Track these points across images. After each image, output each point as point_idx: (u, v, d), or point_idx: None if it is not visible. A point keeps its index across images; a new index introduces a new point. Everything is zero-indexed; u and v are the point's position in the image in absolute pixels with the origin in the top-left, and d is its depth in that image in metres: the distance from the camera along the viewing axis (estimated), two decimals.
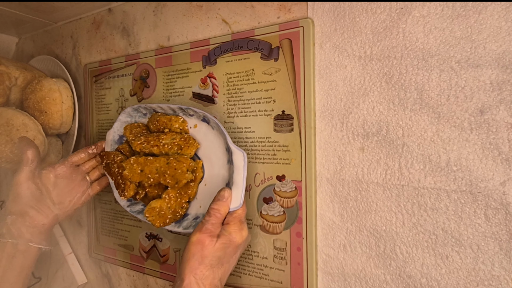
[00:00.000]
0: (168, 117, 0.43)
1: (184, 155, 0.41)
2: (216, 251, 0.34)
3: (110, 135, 0.48)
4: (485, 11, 0.29)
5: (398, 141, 0.33)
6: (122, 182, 0.44)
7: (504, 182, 0.28)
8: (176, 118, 0.43)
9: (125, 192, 0.43)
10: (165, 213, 0.40)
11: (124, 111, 0.47)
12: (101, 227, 0.58)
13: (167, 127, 0.43)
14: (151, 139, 0.42)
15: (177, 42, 0.48)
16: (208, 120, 0.41)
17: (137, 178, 0.41)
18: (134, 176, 0.41)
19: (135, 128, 0.46)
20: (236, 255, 0.36)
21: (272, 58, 0.39)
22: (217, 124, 0.38)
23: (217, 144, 0.40)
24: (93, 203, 0.59)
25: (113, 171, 0.45)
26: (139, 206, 0.47)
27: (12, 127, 0.52)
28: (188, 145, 0.41)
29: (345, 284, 0.36)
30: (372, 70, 0.34)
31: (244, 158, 0.36)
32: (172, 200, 0.40)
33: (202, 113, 0.40)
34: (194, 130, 0.43)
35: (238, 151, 0.36)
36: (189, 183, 0.41)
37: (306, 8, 0.38)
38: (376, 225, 0.34)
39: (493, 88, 0.28)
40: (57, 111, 0.56)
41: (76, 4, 0.56)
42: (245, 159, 0.36)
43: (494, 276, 0.29)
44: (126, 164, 0.41)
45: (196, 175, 0.41)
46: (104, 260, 0.58)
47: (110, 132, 0.48)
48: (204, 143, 0.42)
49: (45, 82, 0.56)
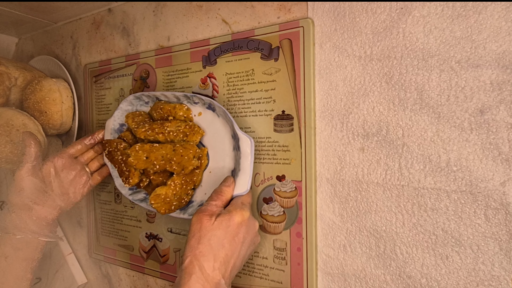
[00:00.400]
0: (172, 105, 0.43)
1: (190, 142, 0.41)
2: (215, 230, 0.33)
3: (110, 123, 0.48)
4: (485, 11, 0.28)
5: (398, 141, 0.33)
6: (127, 169, 0.44)
7: (504, 182, 0.28)
8: (180, 106, 0.43)
9: (129, 179, 0.43)
10: (170, 200, 0.40)
11: (126, 99, 0.47)
12: (101, 227, 0.58)
13: (171, 115, 0.43)
14: (155, 127, 0.42)
15: (177, 42, 0.48)
16: (213, 108, 0.41)
17: (143, 165, 0.41)
18: (139, 163, 0.40)
19: (137, 116, 0.46)
20: (242, 242, 0.34)
21: (272, 58, 0.39)
22: (224, 111, 0.38)
23: (223, 131, 0.41)
24: (93, 203, 0.59)
25: (116, 158, 0.45)
26: (141, 194, 0.47)
27: (12, 127, 0.52)
28: (194, 133, 0.41)
29: (345, 285, 0.36)
30: (372, 70, 0.34)
31: (252, 144, 0.36)
32: (177, 187, 0.41)
33: (208, 100, 0.40)
34: (199, 118, 0.43)
35: (245, 137, 0.37)
36: (195, 170, 0.41)
37: (306, 8, 0.38)
38: (376, 226, 0.34)
39: (493, 88, 0.28)
40: (57, 111, 0.56)
41: (76, 4, 0.56)
42: (252, 145, 0.36)
43: (494, 276, 0.29)
44: (131, 151, 0.41)
45: (202, 162, 0.41)
46: (104, 260, 0.58)
47: (110, 120, 0.48)
48: (209, 131, 0.42)
49: (45, 82, 0.56)
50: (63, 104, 0.57)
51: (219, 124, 0.41)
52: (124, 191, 0.47)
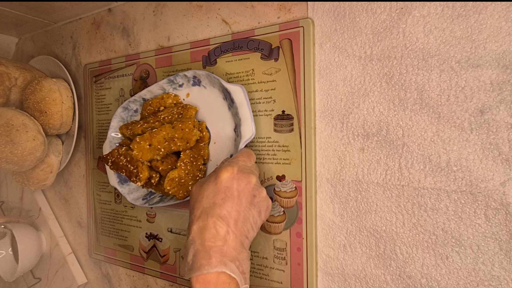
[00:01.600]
0: (160, 97, 0.44)
1: (186, 117, 0.42)
2: (204, 191, 0.32)
3: (107, 145, 0.49)
4: (485, 11, 0.28)
5: (398, 141, 0.33)
6: (134, 167, 0.44)
7: (504, 182, 0.28)
8: (167, 95, 0.44)
9: (140, 175, 0.43)
10: (185, 181, 0.40)
11: (114, 116, 0.48)
12: (101, 228, 0.58)
13: (161, 105, 0.44)
14: (150, 119, 0.43)
15: (177, 42, 0.48)
16: (198, 81, 0.42)
17: (148, 154, 0.41)
18: (144, 153, 0.40)
19: (130, 124, 0.46)
20: (238, 196, 0.31)
21: (272, 58, 0.39)
22: (208, 74, 0.40)
23: (213, 99, 0.42)
24: (93, 203, 0.59)
25: (121, 164, 0.45)
26: (156, 197, 0.46)
27: (12, 127, 0.52)
28: (187, 109, 0.42)
29: (345, 285, 0.36)
30: (372, 70, 0.34)
31: (243, 90, 0.38)
32: (188, 166, 0.41)
33: (191, 74, 0.41)
34: (188, 100, 0.44)
35: (235, 87, 0.38)
36: (199, 143, 0.42)
37: (306, 8, 0.38)
38: (376, 226, 0.34)
39: (493, 88, 0.28)
40: (57, 111, 0.56)
41: (76, 4, 0.56)
42: (244, 92, 0.38)
43: (494, 277, 0.29)
44: (133, 145, 0.41)
45: (203, 134, 0.42)
46: (104, 260, 0.58)
47: (106, 143, 0.49)
48: (201, 106, 0.43)
49: (45, 83, 0.56)
50: (63, 104, 0.57)
51: (208, 94, 0.42)
52: (139, 203, 0.46)
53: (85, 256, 0.63)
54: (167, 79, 0.43)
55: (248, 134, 0.37)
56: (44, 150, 0.56)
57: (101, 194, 0.58)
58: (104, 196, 0.57)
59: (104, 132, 0.57)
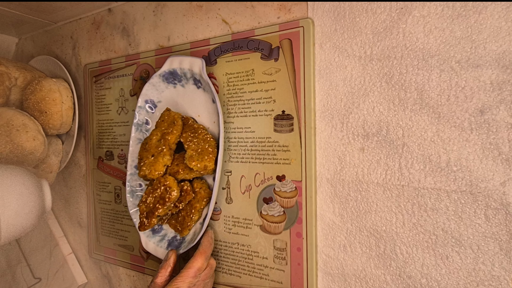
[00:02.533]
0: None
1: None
2: None
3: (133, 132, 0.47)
4: (485, 11, 0.28)
5: (398, 141, 0.33)
6: (162, 189, 0.42)
7: (504, 182, 0.28)
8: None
9: (170, 191, 0.41)
10: (201, 150, 0.41)
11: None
12: (101, 228, 0.58)
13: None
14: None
15: (177, 42, 0.48)
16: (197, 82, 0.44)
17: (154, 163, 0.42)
18: (151, 165, 0.42)
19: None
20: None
21: (272, 58, 0.39)
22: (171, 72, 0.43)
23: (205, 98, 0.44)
24: (93, 203, 0.59)
25: (180, 216, 0.44)
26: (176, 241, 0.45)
27: (12, 127, 0.52)
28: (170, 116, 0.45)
29: (345, 285, 0.36)
30: (372, 70, 0.34)
31: (202, 62, 0.41)
32: (194, 140, 0.42)
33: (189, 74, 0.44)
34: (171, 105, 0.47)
35: (194, 59, 0.42)
36: (188, 122, 0.44)
37: (306, 8, 0.38)
38: (376, 226, 0.34)
39: (493, 88, 0.28)
40: (57, 111, 0.56)
41: (76, 4, 0.56)
42: (203, 63, 0.41)
43: (494, 277, 0.29)
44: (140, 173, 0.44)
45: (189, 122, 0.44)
46: (104, 260, 0.58)
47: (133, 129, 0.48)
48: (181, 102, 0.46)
49: (45, 83, 0.56)
50: (63, 104, 0.57)
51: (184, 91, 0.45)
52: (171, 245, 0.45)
53: (85, 256, 0.63)
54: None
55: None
56: (44, 150, 0.56)
57: (101, 194, 0.58)
58: (104, 196, 0.57)
59: (104, 132, 0.57)
